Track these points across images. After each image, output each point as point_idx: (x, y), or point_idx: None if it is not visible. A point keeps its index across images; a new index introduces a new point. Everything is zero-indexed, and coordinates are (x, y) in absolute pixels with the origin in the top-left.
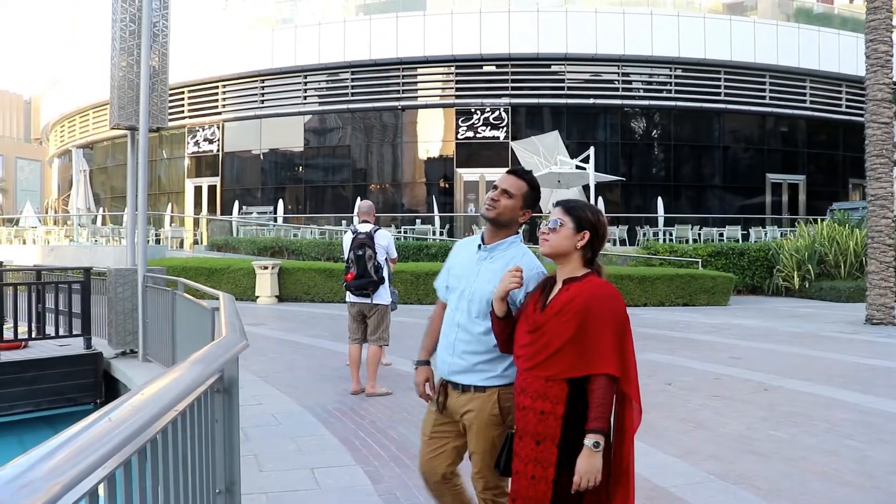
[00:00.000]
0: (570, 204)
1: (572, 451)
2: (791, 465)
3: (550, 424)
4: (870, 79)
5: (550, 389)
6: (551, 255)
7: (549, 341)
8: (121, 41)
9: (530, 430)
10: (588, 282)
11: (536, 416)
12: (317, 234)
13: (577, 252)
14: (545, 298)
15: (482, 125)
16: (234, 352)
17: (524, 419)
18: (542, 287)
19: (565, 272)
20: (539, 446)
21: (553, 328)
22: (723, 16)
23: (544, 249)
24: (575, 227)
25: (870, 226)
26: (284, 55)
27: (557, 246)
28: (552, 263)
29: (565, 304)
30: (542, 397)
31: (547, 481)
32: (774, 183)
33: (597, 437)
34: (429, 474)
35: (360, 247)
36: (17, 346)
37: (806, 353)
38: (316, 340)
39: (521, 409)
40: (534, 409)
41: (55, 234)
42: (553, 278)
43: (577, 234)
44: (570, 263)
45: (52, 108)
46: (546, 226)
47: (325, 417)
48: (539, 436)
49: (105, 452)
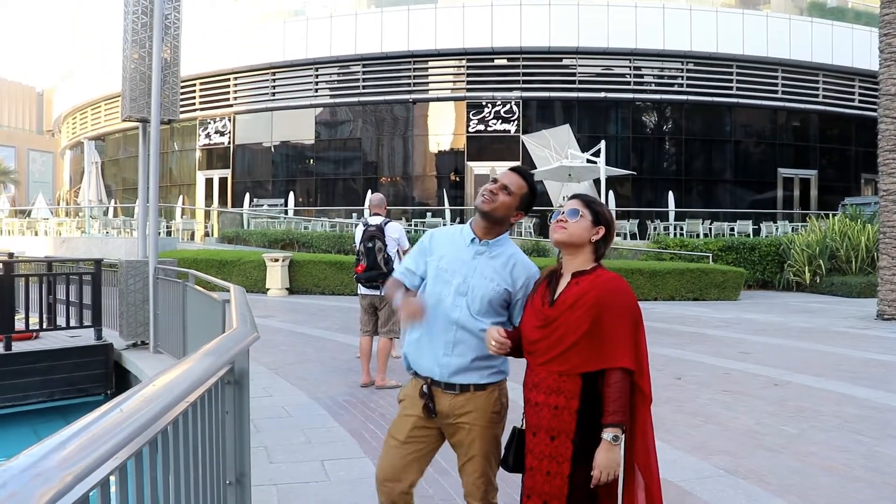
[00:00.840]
0: (588, 198)
1: (588, 445)
2: (800, 460)
3: (565, 419)
4: (883, 73)
5: (564, 384)
6: (566, 244)
7: (562, 336)
8: (133, 34)
9: (545, 426)
10: (599, 275)
11: (551, 412)
12: (327, 227)
13: (590, 245)
14: (552, 292)
15: (493, 118)
16: (245, 344)
17: (537, 415)
18: (548, 280)
19: (574, 265)
20: (554, 441)
21: (566, 322)
22: (735, 9)
23: (561, 236)
24: (593, 220)
25: (882, 221)
26: (296, 48)
27: (575, 235)
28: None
29: (578, 298)
30: (556, 392)
31: (563, 476)
32: (786, 177)
33: (615, 431)
34: (392, 483)
35: (371, 239)
36: (28, 337)
37: (816, 349)
38: (326, 333)
39: (534, 405)
40: (548, 404)
41: (67, 226)
42: (556, 271)
43: (594, 227)
44: (580, 256)
45: (64, 101)
46: (563, 214)
47: (335, 409)
48: (554, 431)
49: (117, 443)
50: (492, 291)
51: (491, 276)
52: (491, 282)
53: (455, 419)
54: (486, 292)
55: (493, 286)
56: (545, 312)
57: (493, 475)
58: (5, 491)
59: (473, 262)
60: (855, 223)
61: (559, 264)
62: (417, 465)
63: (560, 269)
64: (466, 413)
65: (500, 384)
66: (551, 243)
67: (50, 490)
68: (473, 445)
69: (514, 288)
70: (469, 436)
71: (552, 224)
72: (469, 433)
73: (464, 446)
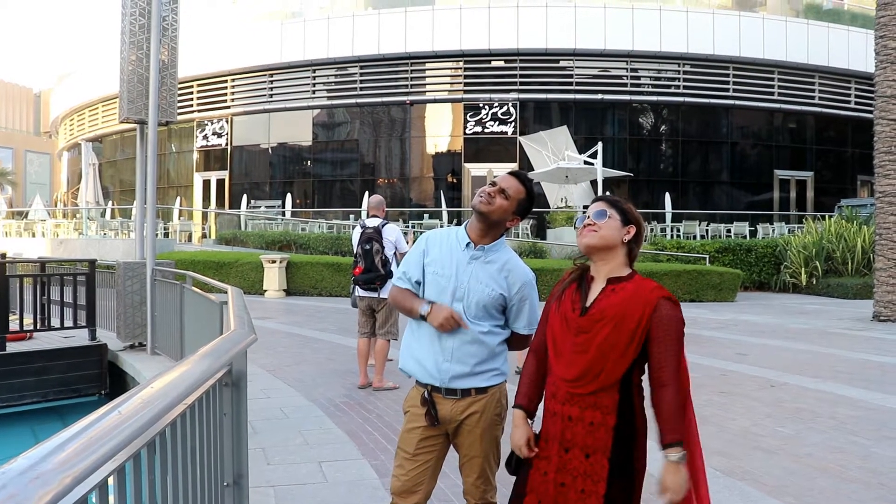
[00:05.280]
0: (613, 198)
1: (623, 463)
2: (797, 461)
3: (601, 436)
4: (879, 75)
5: (601, 399)
6: (598, 248)
7: (604, 350)
8: (130, 35)
9: (579, 443)
10: (639, 284)
11: (585, 428)
12: (325, 229)
13: (623, 247)
14: (584, 297)
15: (490, 120)
16: (243, 345)
17: (571, 430)
18: (577, 283)
19: (607, 270)
20: (589, 459)
21: (607, 336)
22: (732, 11)
23: (592, 240)
24: (622, 219)
25: (878, 222)
26: (293, 49)
27: (608, 237)
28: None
29: (619, 310)
30: (591, 407)
31: (598, 496)
32: (782, 179)
33: (678, 451)
34: (409, 495)
35: (368, 241)
36: (23, 337)
37: (813, 350)
38: (324, 334)
39: (567, 420)
40: (583, 419)
41: (64, 228)
42: (583, 274)
43: (624, 227)
44: (613, 260)
45: (61, 102)
46: (590, 217)
47: (333, 411)
48: (589, 448)
49: (115, 445)
50: (487, 297)
51: (486, 282)
52: (486, 287)
53: (457, 422)
54: (481, 297)
55: (488, 291)
56: (578, 323)
57: (492, 475)
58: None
59: (469, 267)
60: (851, 225)
61: (587, 266)
62: (431, 473)
63: (589, 270)
64: (470, 415)
65: (500, 386)
66: (580, 249)
67: (49, 492)
68: (474, 446)
69: (509, 293)
70: (470, 437)
71: (578, 230)
72: (470, 434)
73: (464, 447)
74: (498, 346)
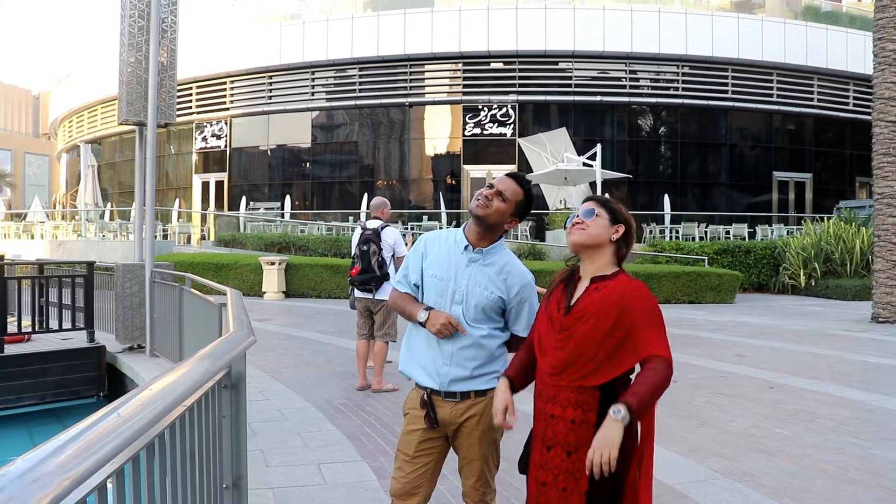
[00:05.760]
0: (603, 198)
1: None
2: (796, 462)
3: (583, 434)
4: (877, 77)
5: (582, 396)
6: (585, 246)
7: (582, 346)
8: (129, 37)
9: (560, 441)
10: (620, 281)
11: (567, 426)
12: (324, 230)
13: (611, 246)
14: (569, 297)
15: (489, 122)
16: (242, 347)
17: (553, 428)
18: (564, 283)
19: (594, 268)
20: (570, 457)
21: (586, 332)
22: (730, 13)
23: (579, 238)
24: (610, 218)
25: (876, 224)
26: (292, 51)
27: (595, 235)
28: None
29: (599, 308)
30: (573, 405)
31: (580, 493)
32: (781, 181)
33: (624, 410)
34: (408, 497)
35: (366, 242)
36: (21, 340)
37: (811, 351)
38: (323, 336)
39: (550, 418)
40: (564, 418)
41: (63, 229)
42: (573, 273)
43: (612, 225)
44: (600, 258)
45: (60, 104)
46: (579, 216)
47: (332, 413)
48: (570, 446)
49: (114, 447)
50: (486, 300)
51: (485, 285)
52: (485, 290)
53: (457, 425)
54: (479, 300)
55: (487, 294)
56: (561, 321)
57: (491, 478)
58: (4, 495)
59: (467, 270)
60: (850, 226)
61: (576, 266)
62: (431, 475)
63: (578, 271)
64: (469, 418)
65: None
66: (568, 248)
67: (48, 495)
68: (473, 449)
69: (508, 296)
70: (469, 439)
71: (568, 229)
72: (469, 437)
73: (464, 449)
74: (497, 348)
